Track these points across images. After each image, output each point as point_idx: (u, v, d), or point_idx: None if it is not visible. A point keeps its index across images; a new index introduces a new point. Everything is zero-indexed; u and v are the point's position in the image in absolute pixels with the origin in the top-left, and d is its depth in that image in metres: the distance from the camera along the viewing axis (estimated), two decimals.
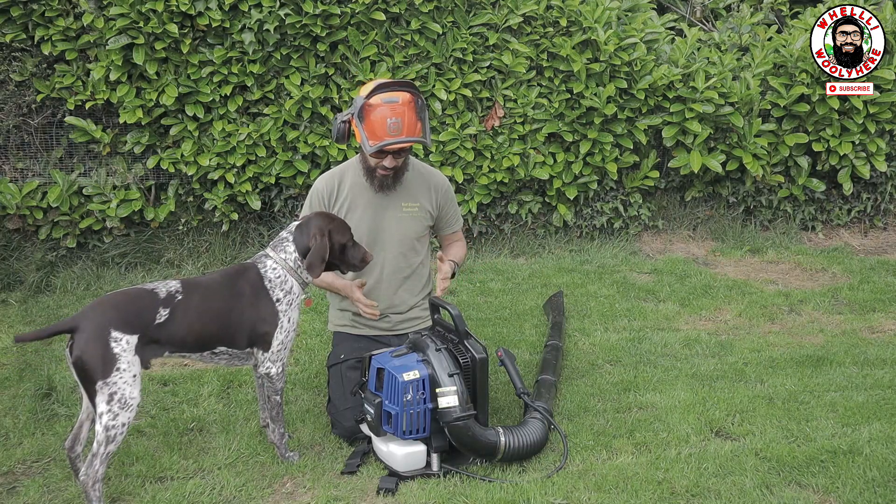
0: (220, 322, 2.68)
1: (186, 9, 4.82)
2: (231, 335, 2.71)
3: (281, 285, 2.77)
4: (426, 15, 5.21)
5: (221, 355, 2.75)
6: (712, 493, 2.62)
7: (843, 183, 5.86)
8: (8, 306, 4.58)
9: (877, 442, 2.94)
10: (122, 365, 2.41)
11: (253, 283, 2.75)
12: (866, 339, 4.11)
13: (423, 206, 3.25)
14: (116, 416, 2.41)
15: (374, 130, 2.95)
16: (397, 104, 2.94)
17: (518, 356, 3.79)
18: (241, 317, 2.71)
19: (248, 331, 2.73)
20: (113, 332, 2.42)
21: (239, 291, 2.73)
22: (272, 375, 2.80)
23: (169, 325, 2.55)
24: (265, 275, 2.77)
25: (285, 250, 2.81)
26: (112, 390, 2.40)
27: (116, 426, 2.41)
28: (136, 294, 2.57)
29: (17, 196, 4.86)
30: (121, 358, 2.41)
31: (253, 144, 5.18)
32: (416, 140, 3.00)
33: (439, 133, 5.39)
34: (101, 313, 2.45)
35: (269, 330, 2.75)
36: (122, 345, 2.42)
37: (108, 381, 2.39)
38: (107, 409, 2.40)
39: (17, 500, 2.63)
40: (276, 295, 2.76)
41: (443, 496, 2.61)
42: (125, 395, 2.42)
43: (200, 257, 5.28)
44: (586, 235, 5.86)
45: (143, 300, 2.54)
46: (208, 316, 2.66)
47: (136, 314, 2.49)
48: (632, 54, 5.41)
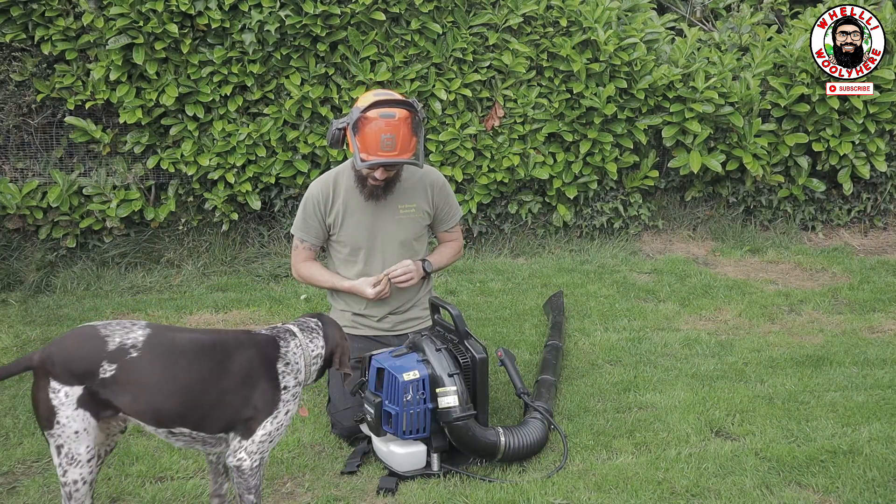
0: (187, 400, 2.17)
1: (186, 9, 4.82)
2: (200, 417, 2.20)
3: (296, 374, 2.32)
4: (426, 15, 5.20)
5: (180, 436, 2.24)
6: (712, 493, 2.62)
7: (843, 183, 5.86)
8: (8, 306, 4.58)
9: (877, 442, 2.94)
10: (60, 419, 2.08)
11: (261, 360, 2.27)
12: (866, 339, 4.11)
13: (419, 206, 3.24)
14: (66, 471, 2.11)
15: (367, 144, 2.92)
16: (393, 120, 2.89)
17: (518, 356, 3.79)
18: (220, 398, 2.20)
19: (229, 416, 2.22)
20: (52, 381, 2.09)
21: (232, 367, 2.22)
22: (243, 469, 2.24)
23: (112, 385, 2.11)
24: (284, 356, 2.30)
25: (313, 341, 2.38)
26: (59, 443, 2.11)
27: (68, 483, 2.12)
28: (85, 337, 2.16)
29: (17, 196, 4.86)
30: (59, 411, 2.08)
31: (253, 144, 5.18)
32: (407, 161, 2.97)
33: (439, 133, 5.39)
34: (48, 356, 2.11)
35: (258, 417, 2.23)
36: (59, 396, 2.08)
37: (52, 433, 2.10)
38: (58, 462, 2.12)
39: (17, 500, 2.63)
40: (285, 382, 2.28)
41: (443, 496, 2.62)
42: (71, 450, 2.10)
43: (200, 257, 5.28)
44: (586, 235, 5.87)
45: (89, 346, 2.13)
46: (169, 389, 2.15)
47: (79, 362, 2.10)
48: (632, 54, 5.41)
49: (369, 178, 3.07)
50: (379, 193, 3.13)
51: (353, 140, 2.95)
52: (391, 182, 3.12)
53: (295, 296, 4.75)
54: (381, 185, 3.09)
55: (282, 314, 4.46)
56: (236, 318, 4.40)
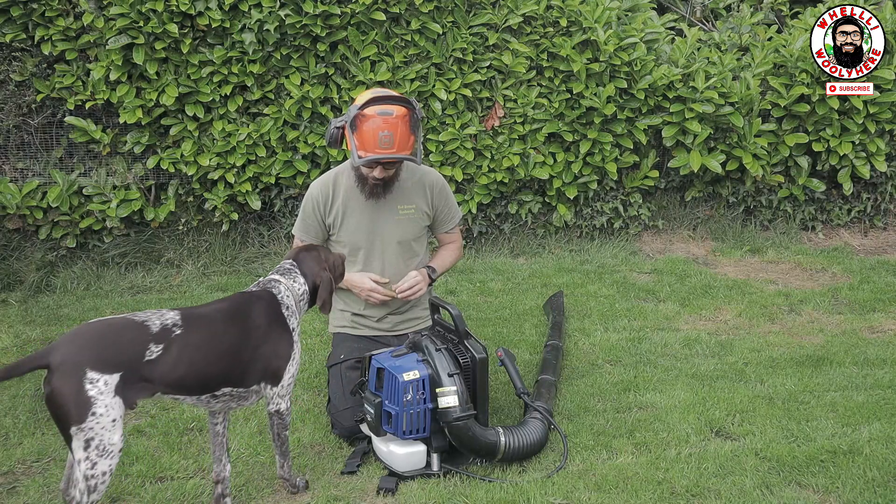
0: (231, 361, 2.39)
1: (186, 9, 4.82)
2: (240, 375, 2.42)
3: (295, 315, 2.56)
4: (426, 15, 5.20)
5: (221, 398, 2.43)
6: (712, 493, 2.62)
7: (843, 183, 5.86)
8: (8, 306, 4.58)
9: (877, 442, 2.94)
10: (98, 409, 2.08)
11: (270, 310, 2.49)
12: (866, 339, 4.11)
13: (419, 207, 3.24)
14: (95, 464, 2.10)
15: (364, 142, 2.91)
16: (391, 117, 2.88)
17: (518, 356, 3.79)
18: (255, 352, 2.44)
19: (262, 367, 2.47)
20: (89, 371, 2.09)
21: (254, 322, 2.45)
22: (282, 412, 2.55)
23: (162, 363, 2.23)
24: (283, 301, 2.53)
25: (296, 280, 2.60)
26: (88, 436, 2.08)
27: (96, 475, 2.11)
28: (121, 325, 2.24)
29: (17, 196, 4.86)
30: (97, 401, 2.08)
31: (253, 144, 5.18)
32: (405, 157, 2.96)
33: (439, 133, 5.39)
34: (77, 349, 2.12)
35: (283, 364, 2.51)
36: (98, 386, 2.09)
37: (82, 427, 2.08)
38: (84, 456, 2.09)
39: (17, 500, 2.63)
40: (292, 324, 2.53)
41: (443, 496, 2.62)
42: (104, 441, 2.10)
43: (200, 257, 5.28)
44: (586, 235, 5.86)
45: (129, 333, 2.21)
46: (216, 354, 2.36)
47: (118, 350, 2.16)
48: (632, 54, 5.41)
49: (369, 178, 3.07)
50: (379, 192, 3.12)
51: (350, 138, 2.95)
52: (391, 181, 3.12)
53: None
54: (381, 184, 3.08)
55: None
56: None
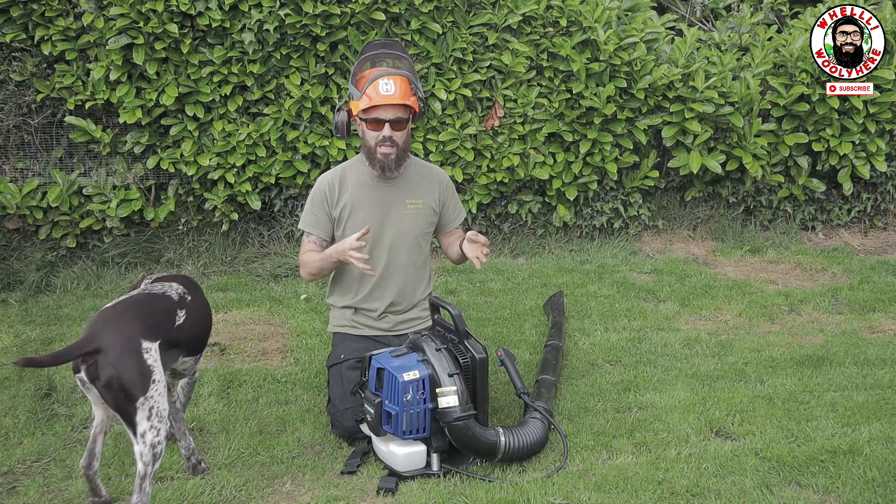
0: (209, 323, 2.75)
1: (186, 9, 4.82)
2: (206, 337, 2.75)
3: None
4: (426, 15, 5.20)
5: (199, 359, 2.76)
6: (712, 493, 2.62)
7: (843, 183, 5.86)
8: (8, 306, 4.58)
9: (877, 442, 2.94)
10: (156, 376, 2.26)
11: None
12: (866, 339, 4.11)
13: (426, 202, 3.25)
14: (159, 430, 2.25)
15: (368, 95, 3.01)
16: (392, 70, 3.07)
17: (518, 356, 3.79)
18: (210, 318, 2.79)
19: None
20: (143, 342, 2.26)
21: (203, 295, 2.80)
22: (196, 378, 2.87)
23: (186, 327, 2.50)
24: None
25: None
26: (150, 405, 2.24)
27: (161, 441, 2.26)
28: (151, 298, 2.45)
29: (17, 196, 4.86)
30: (154, 368, 2.26)
31: (253, 144, 5.18)
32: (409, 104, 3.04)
33: (439, 133, 5.39)
34: (125, 323, 2.28)
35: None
36: (152, 354, 2.27)
37: (147, 397, 2.23)
38: (149, 426, 2.23)
39: (17, 500, 2.63)
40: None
41: (443, 496, 2.62)
42: (160, 407, 2.26)
43: (200, 257, 5.28)
44: (586, 235, 5.87)
45: (161, 303, 2.45)
46: (207, 317, 2.72)
47: (156, 319, 2.37)
48: (632, 54, 5.41)
49: (378, 147, 3.07)
50: (390, 165, 3.11)
51: (358, 102, 3.03)
52: (401, 154, 3.12)
53: (295, 296, 4.75)
54: (392, 154, 3.08)
55: (282, 314, 4.46)
56: (236, 318, 4.40)
